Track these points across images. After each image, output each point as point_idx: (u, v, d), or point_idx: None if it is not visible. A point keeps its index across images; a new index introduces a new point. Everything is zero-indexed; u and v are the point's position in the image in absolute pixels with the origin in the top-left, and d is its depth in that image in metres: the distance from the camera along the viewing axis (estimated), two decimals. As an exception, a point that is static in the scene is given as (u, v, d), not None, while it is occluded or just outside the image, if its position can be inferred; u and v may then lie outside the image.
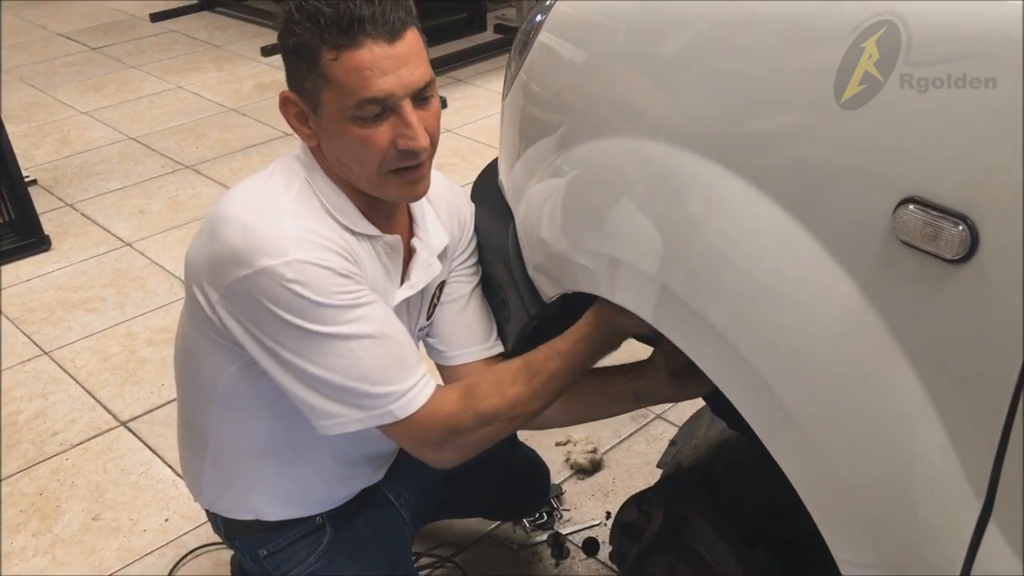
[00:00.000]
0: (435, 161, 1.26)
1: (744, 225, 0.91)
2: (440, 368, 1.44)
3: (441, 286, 1.40)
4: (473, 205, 1.46)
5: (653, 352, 1.40)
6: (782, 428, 0.88)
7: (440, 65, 4.56)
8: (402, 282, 1.32)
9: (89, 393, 2.42)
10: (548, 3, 1.27)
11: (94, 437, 2.26)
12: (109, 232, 3.22)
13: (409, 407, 1.20)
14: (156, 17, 5.58)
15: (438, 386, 1.25)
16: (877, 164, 0.78)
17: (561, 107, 1.22)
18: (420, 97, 1.17)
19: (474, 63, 4.66)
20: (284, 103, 1.22)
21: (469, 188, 1.54)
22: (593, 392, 1.38)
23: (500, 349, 1.41)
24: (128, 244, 3.14)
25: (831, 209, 0.82)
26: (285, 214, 1.18)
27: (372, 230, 1.26)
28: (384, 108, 1.15)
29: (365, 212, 1.26)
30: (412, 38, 1.16)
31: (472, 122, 3.96)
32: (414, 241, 1.33)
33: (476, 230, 1.44)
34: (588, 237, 1.14)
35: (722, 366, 0.93)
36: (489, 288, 1.43)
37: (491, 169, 1.49)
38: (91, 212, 3.36)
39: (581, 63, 1.19)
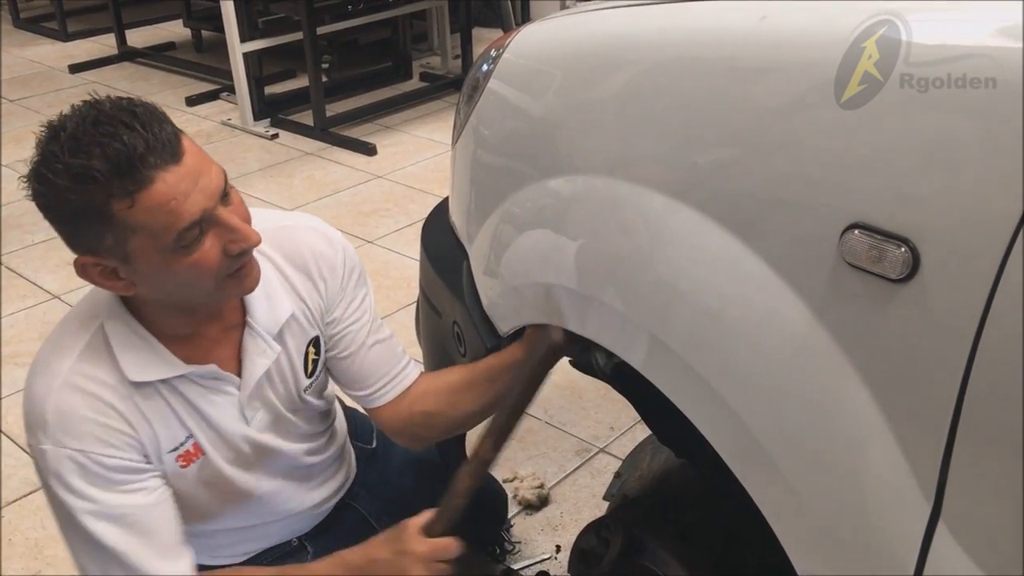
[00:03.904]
0: (370, 206, 1.28)
1: (695, 255, 0.97)
2: (369, 412, 1.45)
3: (315, 341, 1.36)
4: (336, 235, 1.38)
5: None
6: (745, 449, 0.93)
7: (368, 113, 4.61)
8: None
9: (23, 449, 2.36)
10: (494, 53, 1.32)
11: (30, 493, 2.20)
12: (36, 285, 3.15)
13: None
14: (75, 68, 5.51)
15: None
16: (823, 194, 0.84)
17: (511, 149, 1.28)
18: (223, 196, 1.12)
19: (401, 110, 4.72)
20: (83, 269, 1.12)
21: (406, 231, 1.56)
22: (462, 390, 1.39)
23: (411, 373, 1.41)
24: (56, 296, 3.08)
25: (780, 235, 0.88)
26: (57, 384, 1.15)
27: (172, 370, 1.20)
28: (202, 225, 1.09)
29: (183, 341, 1.22)
30: (189, 145, 1.09)
31: (402, 168, 4.01)
32: (245, 331, 1.28)
33: (430, 268, 1.47)
34: (543, 272, 1.18)
35: (686, 392, 0.98)
36: (443, 323, 1.46)
37: (441, 208, 1.53)
38: (16, 265, 3.29)
39: (527, 107, 1.25)
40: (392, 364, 1.40)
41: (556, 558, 1.95)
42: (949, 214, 0.75)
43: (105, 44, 6.00)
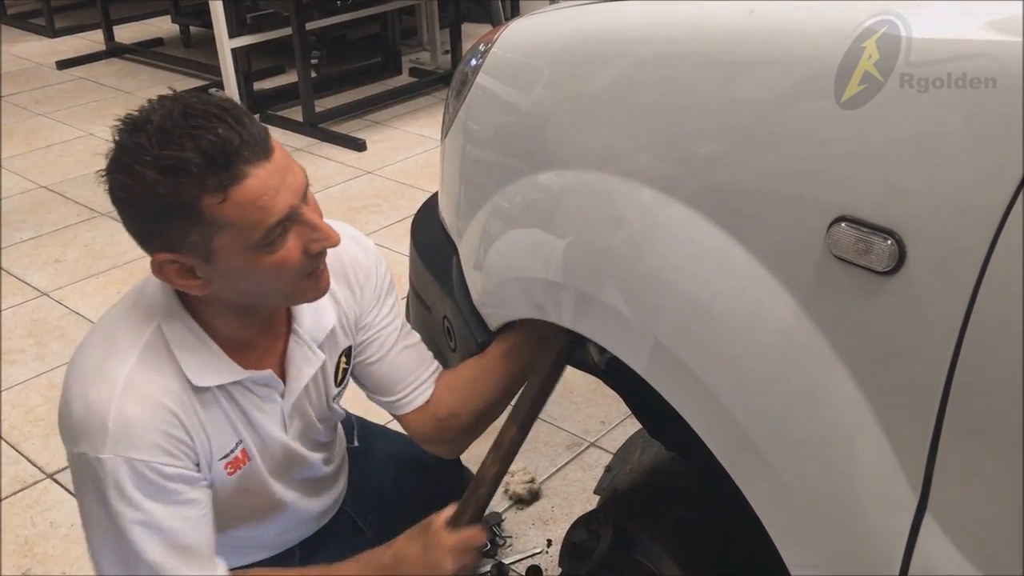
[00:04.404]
0: (360, 202, 1.29)
1: (684, 249, 0.97)
2: (399, 419, 1.43)
3: (347, 351, 1.37)
4: (370, 244, 1.38)
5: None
6: (734, 442, 0.93)
7: (358, 108, 4.60)
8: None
9: (12, 446, 2.35)
10: (483, 48, 1.32)
11: (20, 491, 2.20)
12: (25, 282, 3.14)
13: None
14: (63, 64, 5.49)
15: None
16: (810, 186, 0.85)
17: (500, 144, 1.28)
18: (304, 194, 1.11)
19: (391, 106, 4.71)
20: (160, 268, 1.09)
21: (396, 227, 1.57)
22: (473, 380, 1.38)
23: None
24: (45, 294, 3.07)
25: (768, 228, 0.88)
26: (118, 391, 1.10)
27: (232, 375, 1.19)
28: (287, 222, 1.08)
29: (236, 342, 1.20)
30: (276, 142, 1.08)
31: (392, 163, 4.00)
32: (291, 339, 1.27)
33: (419, 263, 1.47)
34: (533, 266, 1.18)
35: (675, 386, 0.99)
36: (433, 318, 1.47)
37: (430, 204, 1.53)
38: (5, 263, 3.28)
39: (516, 102, 1.25)
40: (421, 369, 1.39)
41: (547, 552, 1.96)
42: (936, 208, 0.75)
43: (93, 40, 5.98)
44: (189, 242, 1.05)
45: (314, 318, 1.28)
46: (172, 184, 1.00)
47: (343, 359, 1.36)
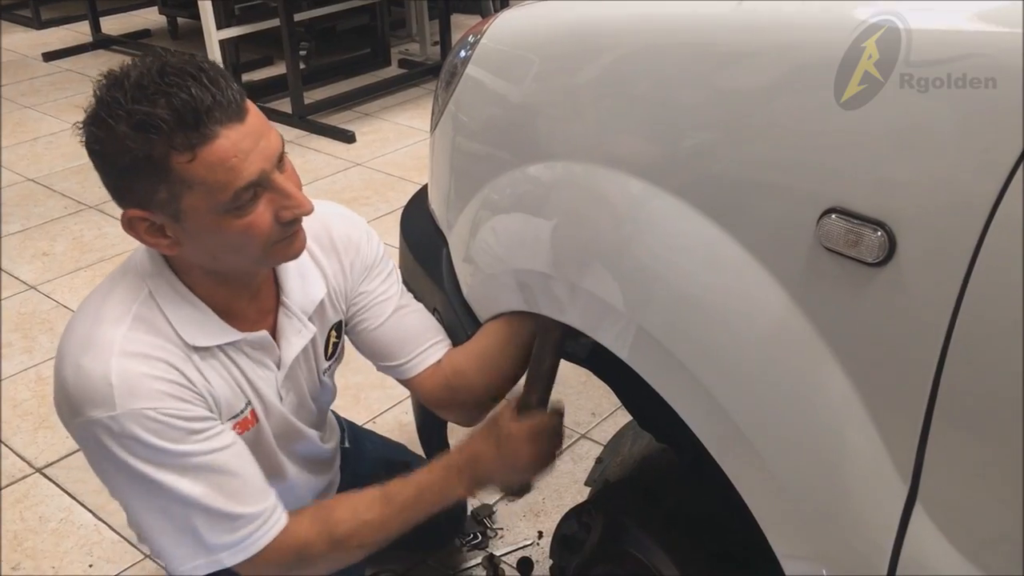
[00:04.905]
0: (350, 194, 1.29)
1: (674, 240, 0.97)
2: (405, 383, 1.41)
3: (338, 326, 1.37)
4: (360, 219, 1.42)
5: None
6: (724, 433, 0.93)
7: (347, 100, 4.58)
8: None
9: (1, 441, 2.34)
10: (472, 39, 1.32)
11: (9, 485, 2.19)
12: (12, 276, 3.12)
13: (258, 545, 1.17)
14: (49, 56, 5.44)
15: (288, 514, 1.22)
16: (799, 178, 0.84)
17: (490, 136, 1.27)
18: (279, 160, 1.11)
19: (380, 97, 4.69)
20: (130, 223, 1.10)
21: (386, 219, 1.56)
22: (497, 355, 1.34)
23: (446, 343, 1.38)
24: (33, 287, 3.05)
25: (758, 219, 0.88)
26: (114, 352, 1.10)
27: (227, 336, 1.20)
28: (258, 187, 1.08)
29: (226, 311, 1.20)
30: (251, 106, 1.08)
31: (382, 155, 3.99)
32: (280, 312, 1.27)
33: (409, 256, 1.47)
34: (523, 258, 1.18)
35: (665, 377, 0.99)
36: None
37: (420, 196, 1.53)
38: (-9, 256, 3.26)
39: (506, 93, 1.24)
40: (430, 333, 1.38)
41: (538, 544, 1.96)
42: (926, 200, 0.75)
43: (79, 32, 5.93)
44: (158, 199, 1.05)
45: (303, 290, 1.29)
46: (142, 139, 1.00)
47: (333, 332, 1.37)
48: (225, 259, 1.14)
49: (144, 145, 1.01)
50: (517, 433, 1.24)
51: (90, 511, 2.08)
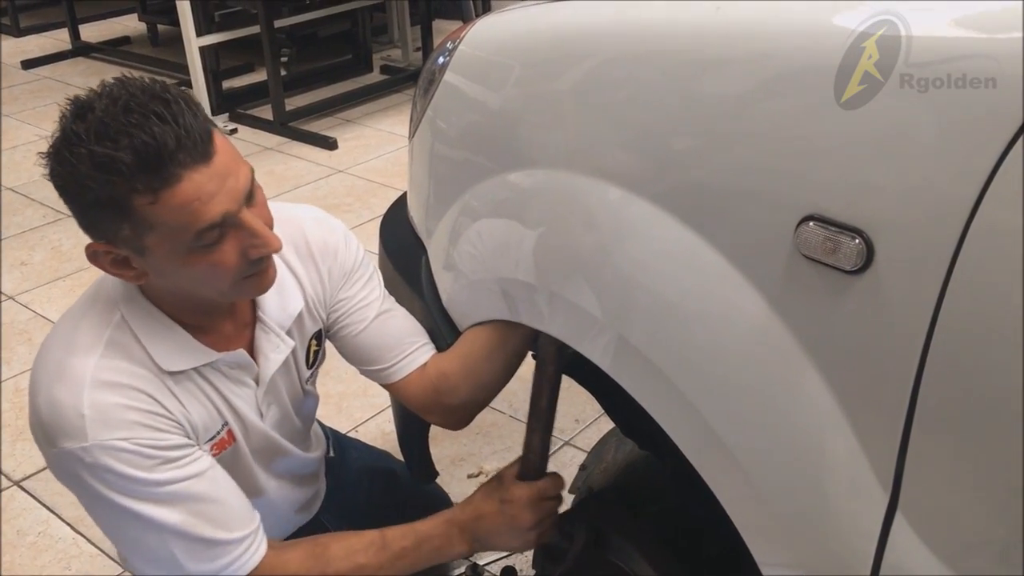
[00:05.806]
0: (332, 201, 1.28)
1: (653, 248, 0.96)
2: (389, 387, 1.39)
3: (318, 334, 1.36)
4: (337, 223, 1.40)
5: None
6: (703, 441, 0.93)
7: (329, 107, 4.57)
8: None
9: (-22, 453, 2.32)
10: (450, 45, 1.31)
11: (-15, 499, 2.17)
12: (-11, 286, 3.10)
13: (242, 571, 1.16)
14: (28, 64, 5.41)
15: (278, 545, 1.22)
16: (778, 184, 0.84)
17: (469, 143, 1.26)
18: (248, 196, 1.08)
19: (362, 103, 4.68)
20: (94, 255, 1.08)
21: (368, 226, 1.55)
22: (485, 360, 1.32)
23: (431, 347, 1.36)
24: (11, 297, 3.02)
25: (736, 227, 0.87)
26: (87, 383, 1.08)
27: (203, 357, 1.18)
28: (223, 227, 1.06)
29: (200, 329, 1.19)
30: (220, 142, 1.05)
31: (364, 162, 3.98)
32: (257, 328, 1.26)
33: (388, 264, 1.46)
34: (503, 266, 1.17)
35: (644, 385, 0.98)
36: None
37: (399, 204, 1.52)
38: (-31, 266, 3.23)
39: (484, 100, 1.24)
40: (414, 336, 1.36)
41: (522, 552, 1.94)
42: (904, 206, 0.75)
43: (59, 39, 5.90)
44: (121, 236, 1.04)
45: (280, 304, 1.27)
46: (103, 180, 0.98)
47: (314, 342, 1.36)
48: (191, 291, 1.13)
49: (105, 186, 0.99)
50: (520, 498, 1.25)
51: (68, 524, 2.06)
